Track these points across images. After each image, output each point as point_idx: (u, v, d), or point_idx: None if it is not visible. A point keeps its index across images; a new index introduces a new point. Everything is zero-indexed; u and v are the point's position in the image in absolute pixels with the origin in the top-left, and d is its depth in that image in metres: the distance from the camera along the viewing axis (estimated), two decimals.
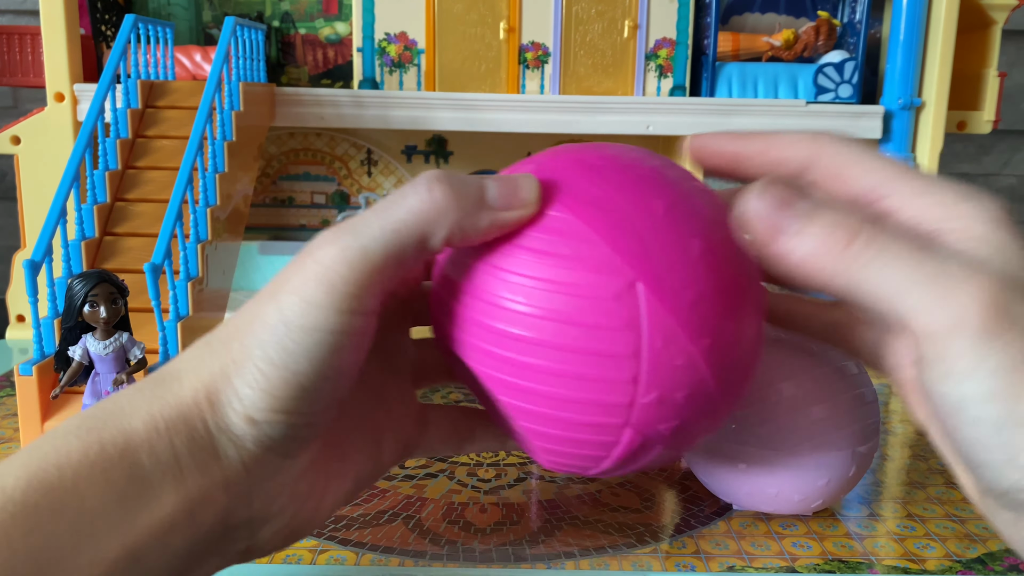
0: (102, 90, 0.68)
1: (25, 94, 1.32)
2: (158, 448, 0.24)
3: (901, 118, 0.91)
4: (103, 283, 0.51)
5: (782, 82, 0.92)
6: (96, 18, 0.93)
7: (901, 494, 0.55)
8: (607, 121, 0.90)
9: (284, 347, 0.24)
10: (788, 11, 0.99)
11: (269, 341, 0.24)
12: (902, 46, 0.90)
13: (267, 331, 0.24)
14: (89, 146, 0.64)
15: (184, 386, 0.25)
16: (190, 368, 0.26)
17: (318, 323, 0.24)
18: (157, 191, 0.69)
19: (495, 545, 0.46)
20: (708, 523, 0.50)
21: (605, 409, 0.28)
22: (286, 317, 0.24)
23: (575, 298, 0.26)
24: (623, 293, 0.27)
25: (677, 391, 0.28)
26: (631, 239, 0.28)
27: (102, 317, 0.52)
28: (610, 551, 0.46)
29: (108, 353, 0.53)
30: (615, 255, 0.27)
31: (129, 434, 0.24)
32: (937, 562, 0.46)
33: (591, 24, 0.92)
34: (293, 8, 1.00)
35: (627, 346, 0.26)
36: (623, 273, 0.27)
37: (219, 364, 0.25)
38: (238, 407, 0.25)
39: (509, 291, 0.27)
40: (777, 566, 0.45)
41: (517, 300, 0.27)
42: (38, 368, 0.57)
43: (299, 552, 0.46)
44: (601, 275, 0.27)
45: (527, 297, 0.27)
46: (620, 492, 0.54)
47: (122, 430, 0.24)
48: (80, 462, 0.23)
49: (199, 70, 0.92)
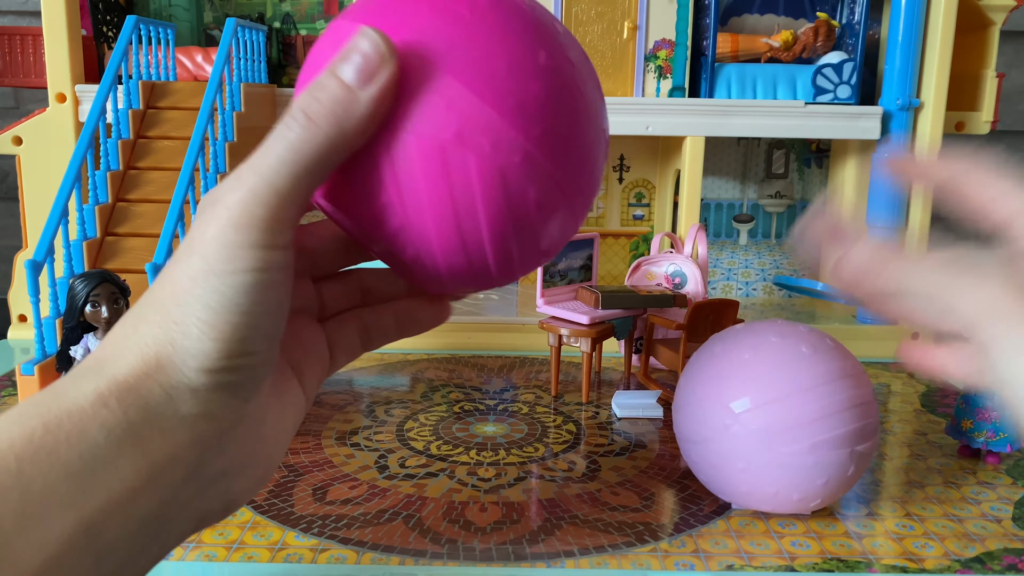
0: (103, 91, 0.68)
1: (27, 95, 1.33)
2: (110, 422, 0.24)
3: (899, 119, 0.91)
4: (105, 283, 0.51)
5: (781, 83, 0.92)
6: (97, 19, 0.93)
7: (900, 493, 0.55)
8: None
9: (221, 293, 0.25)
10: (787, 12, 1.00)
11: (204, 293, 0.25)
12: (900, 47, 0.90)
13: (198, 284, 0.25)
14: (91, 147, 0.64)
15: (126, 361, 0.26)
16: (125, 346, 0.26)
17: (246, 264, 0.25)
18: (158, 191, 0.69)
19: (495, 544, 0.47)
20: (707, 522, 0.50)
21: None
22: (213, 267, 0.25)
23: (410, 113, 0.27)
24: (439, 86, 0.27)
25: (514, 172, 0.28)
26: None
27: (104, 317, 0.52)
28: (610, 550, 0.46)
29: None
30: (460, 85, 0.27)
31: (75, 413, 0.24)
32: (936, 561, 0.46)
33: (591, 25, 0.93)
34: (294, 9, 1.00)
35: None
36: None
37: (157, 330, 0.26)
38: (192, 363, 0.25)
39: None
40: (776, 565, 0.45)
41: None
42: (40, 368, 0.57)
43: (299, 551, 0.46)
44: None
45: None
46: (620, 492, 0.54)
47: (67, 410, 0.24)
48: (23, 447, 0.23)
49: (200, 71, 0.93)
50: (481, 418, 0.68)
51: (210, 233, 0.25)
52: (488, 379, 0.78)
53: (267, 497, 0.52)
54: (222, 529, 0.48)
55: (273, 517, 0.50)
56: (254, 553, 0.45)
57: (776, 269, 1.08)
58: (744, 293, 1.09)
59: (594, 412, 0.70)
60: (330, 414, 0.68)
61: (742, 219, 1.08)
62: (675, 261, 0.79)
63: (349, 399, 0.72)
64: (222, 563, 0.45)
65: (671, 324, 0.72)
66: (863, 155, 0.99)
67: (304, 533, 0.48)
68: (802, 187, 1.07)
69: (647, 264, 0.81)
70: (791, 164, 1.07)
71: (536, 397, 0.73)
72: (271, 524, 0.49)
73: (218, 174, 0.69)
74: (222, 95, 0.71)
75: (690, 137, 0.90)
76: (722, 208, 1.08)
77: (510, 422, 0.67)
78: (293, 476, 0.56)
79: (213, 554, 0.45)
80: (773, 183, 1.07)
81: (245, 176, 0.25)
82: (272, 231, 0.25)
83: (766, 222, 1.08)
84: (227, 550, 0.46)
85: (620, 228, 1.08)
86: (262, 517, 0.50)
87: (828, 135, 0.92)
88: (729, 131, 0.90)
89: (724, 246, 1.08)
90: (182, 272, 0.26)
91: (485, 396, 0.73)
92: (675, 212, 0.99)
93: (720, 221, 1.08)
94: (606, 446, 0.62)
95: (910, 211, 0.94)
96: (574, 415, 0.69)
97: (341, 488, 0.54)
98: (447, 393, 0.74)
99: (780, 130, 0.91)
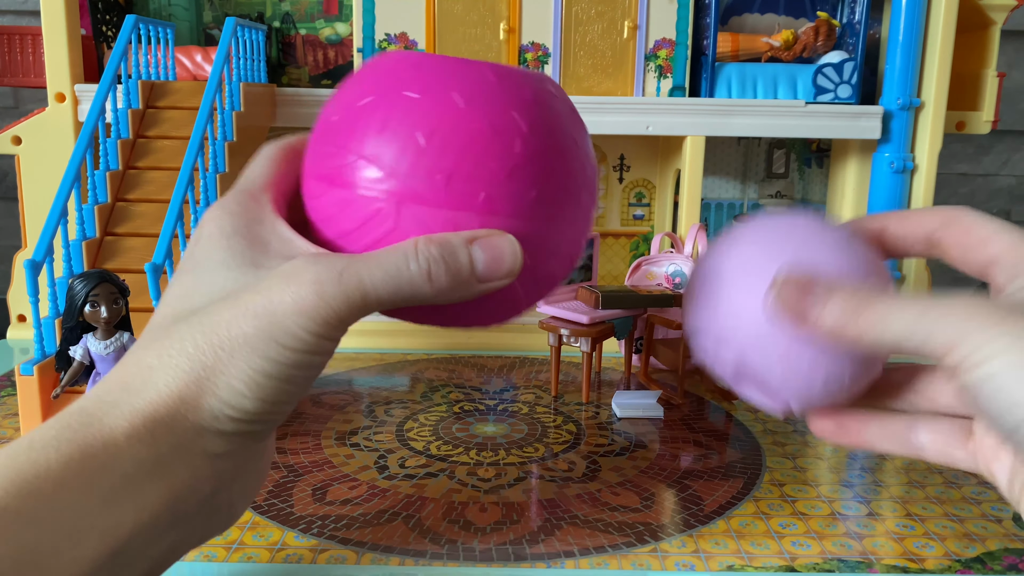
0: (103, 90, 0.68)
1: (26, 94, 1.33)
2: (142, 454, 0.26)
3: (900, 118, 0.91)
4: (104, 283, 0.51)
5: (781, 82, 0.92)
6: (97, 19, 0.93)
7: (900, 493, 0.55)
8: (607, 121, 0.90)
9: (276, 363, 0.27)
10: (787, 12, 1.00)
11: (257, 357, 0.27)
12: (901, 46, 0.90)
13: (252, 344, 0.27)
14: (90, 146, 0.64)
15: (156, 391, 0.27)
16: (154, 373, 0.27)
17: (308, 347, 0.27)
18: (158, 191, 0.69)
19: (495, 544, 0.47)
20: (707, 522, 0.50)
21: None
22: (276, 335, 0.27)
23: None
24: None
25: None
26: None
27: (103, 317, 0.52)
28: (610, 550, 0.46)
29: (109, 353, 0.53)
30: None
31: (109, 442, 0.26)
32: (936, 561, 0.46)
33: (591, 25, 0.92)
34: (294, 9, 1.00)
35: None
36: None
37: (194, 365, 0.27)
38: (228, 412, 0.27)
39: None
40: (776, 565, 0.45)
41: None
42: (39, 368, 0.57)
43: (299, 551, 0.46)
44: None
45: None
46: (620, 492, 0.54)
47: (103, 439, 0.26)
48: (61, 473, 0.25)
49: (200, 70, 0.93)
50: (481, 418, 0.68)
51: (287, 302, 0.27)
52: (488, 379, 0.78)
53: (267, 497, 0.52)
54: None
55: (273, 517, 0.50)
56: (254, 553, 0.45)
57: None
58: None
59: (594, 412, 0.70)
60: (330, 414, 0.68)
61: (742, 219, 1.08)
62: (675, 261, 0.79)
63: (349, 399, 0.72)
64: (222, 563, 0.45)
65: (671, 324, 0.72)
66: (863, 155, 0.99)
67: (304, 533, 0.48)
68: (802, 187, 1.07)
69: (647, 264, 0.80)
70: (791, 164, 1.07)
71: (536, 397, 0.73)
72: (271, 524, 0.49)
73: (217, 174, 0.69)
74: (221, 95, 0.71)
75: (690, 137, 0.90)
76: (722, 208, 1.08)
77: (510, 422, 0.67)
78: (293, 476, 0.56)
79: (213, 554, 0.45)
80: (773, 183, 1.07)
81: (348, 272, 0.27)
82: (341, 328, 0.28)
83: None
84: (227, 550, 0.46)
85: (620, 228, 1.08)
86: (262, 517, 0.50)
87: (828, 135, 0.92)
88: (729, 131, 0.90)
89: None
90: (235, 315, 0.27)
91: (485, 396, 0.73)
92: (675, 212, 0.99)
93: (720, 221, 1.08)
94: (606, 446, 0.62)
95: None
96: (574, 415, 0.69)
97: (341, 488, 0.54)
98: (447, 393, 0.74)
99: (780, 130, 0.91)
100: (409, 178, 0.36)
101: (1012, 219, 1.37)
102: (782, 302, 0.32)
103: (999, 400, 0.27)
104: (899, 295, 0.30)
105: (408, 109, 0.37)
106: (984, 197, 1.37)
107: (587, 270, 0.80)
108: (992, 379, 0.27)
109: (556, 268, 0.43)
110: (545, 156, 0.37)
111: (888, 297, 0.30)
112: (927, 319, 0.28)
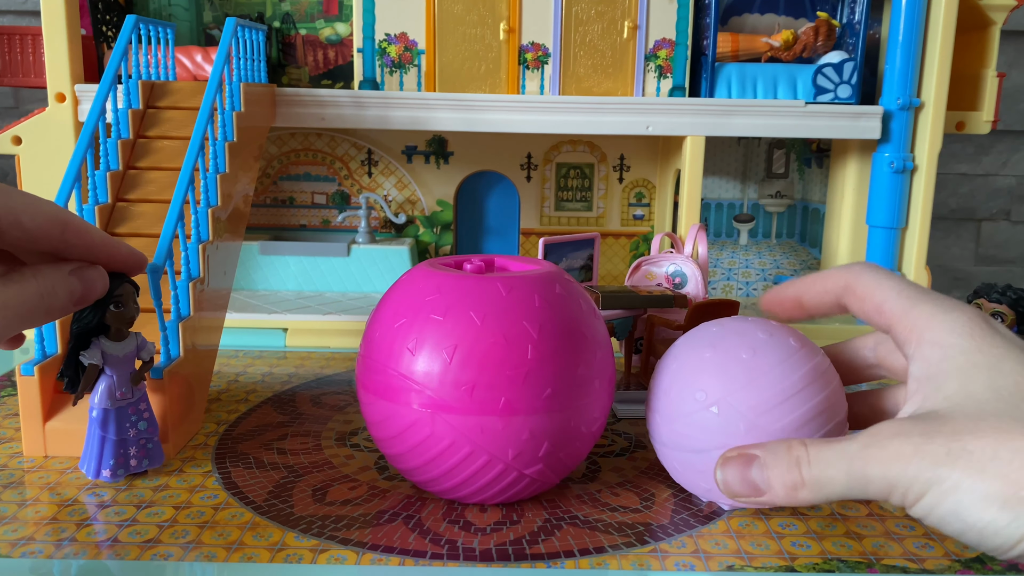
0: (103, 90, 0.68)
1: (26, 94, 1.33)
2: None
3: (900, 118, 0.91)
4: (126, 283, 0.50)
5: (781, 83, 0.92)
6: (97, 19, 0.93)
7: None
8: (607, 121, 0.90)
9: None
10: (787, 12, 1.00)
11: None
12: (901, 46, 0.90)
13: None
14: (90, 146, 0.64)
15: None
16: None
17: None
18: (158, 191, 0.69)
19: (495, 544, 0.47)
20: (707, 522, 0.50)
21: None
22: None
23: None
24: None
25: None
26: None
27: (131, 316, 0.51)
28: (610, 550, 0.46)
29: (126, 353, 0.53)
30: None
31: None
32: (936, 561, 0.46)
33: (591, 25, 0.93)
34: (294, 9, 1.00)
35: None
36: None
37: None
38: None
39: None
40: (776, 565, 0.45)
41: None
42: (39, 368, 0.57)
43: (299, 552, 0.46)
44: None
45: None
46: (620, 492, 0.54)
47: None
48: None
49: (200, 71, 0.93)
50: None
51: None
52: None
53: (267, 498, 0.52)
54: (222, 529, 0.48)
55: (273, 518, 0.50)
56: (254, 553, 0.45)
57: (777, 269, 1.08)
58: (744, 293, 1.09)
59: None
60: (330, 415, 0.68)
61: (742, 219, 1.08)
62: (675, 261, 0.79)
63: (349, 400, 0.72)
64: (222, 563, 0.45)
65: (671, 324, 0.72)
66: (863, 155, 0.99)
67: (304, 534, 0.48)
68: (802, 187, 1.07)
69: (647, 264, 0.81)
70: (791, 164, 1.07)
71: None
72: (271, 524, 0.49)
73: (218, 174, 0.69)
74: (222, 95, 0.71)
75: (690, 137, 0.90)
76: (722, 208, 1.08)
77: None
78: (293, 477, 0.56)
79: (213, 554, 0.45)
80: (773, 183, 1.07)
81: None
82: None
83: (766, 222, 1.08)
84: (227, 550, 0.46)
85: (620, 228, 1.08)
86: (262, 518, 0.50)
87: (828, 135, 0.92)
88: (729, 131, 0.90)
89: (724, 246, 1.08)
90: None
91: None
92: (675, 212, 0.99)
93: (720, 221, 1.08)
94: (606, 446, 0.62)
95: (910, 211, 0.94)
96: None
97: (341, 489, 0.54)
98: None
99: (780, 130, 0.91)
100: (439, 391, 0.43)
101: (1012, 219, 1.37)
102: (731, 488, 0.39)
103: (951, 526, 0.31)
104: (827, 442, 0.35)
105: (434, 330, 0.44)
106: (984, 197, 1.37)
107: (587, 270, 0.80)
108: (933, 510, 0.31)
109: (578, 448, 0.49)
110: (555, 356, 0.44)
111: (818, 457, 0.35)
112: (857, 473, 0.33)
